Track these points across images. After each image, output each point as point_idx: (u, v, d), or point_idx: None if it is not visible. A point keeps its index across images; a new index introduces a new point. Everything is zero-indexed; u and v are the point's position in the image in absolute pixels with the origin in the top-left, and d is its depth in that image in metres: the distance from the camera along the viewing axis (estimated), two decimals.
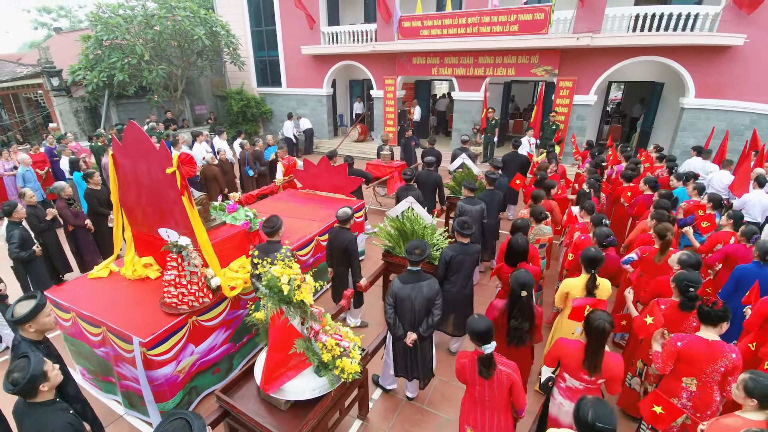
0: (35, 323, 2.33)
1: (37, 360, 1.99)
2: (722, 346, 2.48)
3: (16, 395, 1.95)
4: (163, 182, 3.37)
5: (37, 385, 1.95)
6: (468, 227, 3.67)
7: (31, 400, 1.98)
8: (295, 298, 2.56)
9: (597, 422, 1.77)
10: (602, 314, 2.36)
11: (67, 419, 2.02)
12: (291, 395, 2.70)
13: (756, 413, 1.90)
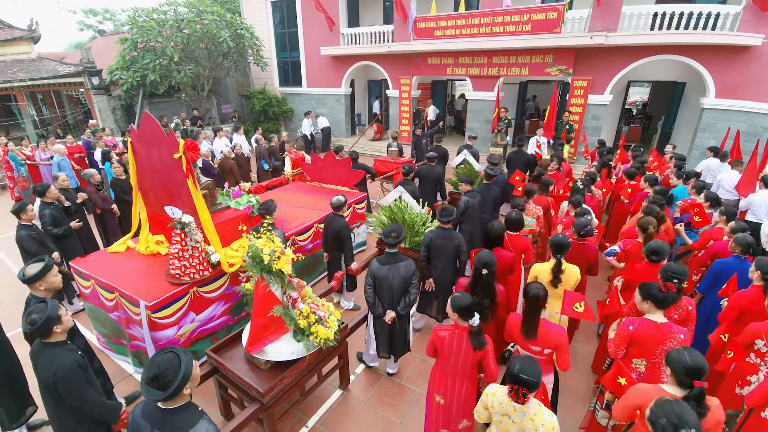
0: (44, 282, 2.73)
1: (53, 305, 2.37)
2: (671, 328, 2.59)
3: (33, 334, 2.33)
4: (171, 166, 3.78)
5: (52, 326, 2.33)
6: (447, 213, 3.88)
7: (46, 340, 2.36)
8: (275, 267, 2.87)
9: (521, 373, 1.97)
10: (538, 285, 2.55)
11: (76, 358, 2.40)
12: (271, 356, 3.01)
13: (673, 387, 2.03)
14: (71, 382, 2.26)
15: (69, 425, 2.47)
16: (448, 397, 2.66)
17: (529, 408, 2.06)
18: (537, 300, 2.61)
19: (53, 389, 2.28)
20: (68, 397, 2.29)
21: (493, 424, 2.24)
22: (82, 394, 2.32)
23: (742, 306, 3.05)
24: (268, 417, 2.89)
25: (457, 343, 2.50)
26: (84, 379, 2.34)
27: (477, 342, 2.41)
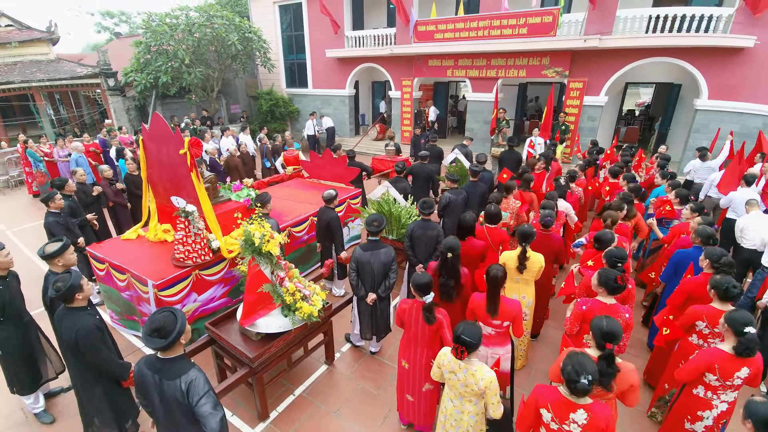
0: (62, 258, 3.14)
1: (77, 275, 2.78)
2: (618, 308, 2.90)
3: (58, 299, 2.74)
4: (177, 161, 4.20)
5: (75, 293, 2.72)
6: (428, 206, 4.24)
7: (69, 306, 2.77)
8: (264, 248, 3.26)
9: (462, 335, 2.32)
10: (498, 266, 2.89)
11: (95, 321, 2.80)
12: (261, 329, 3.39)
13: (594, 350, 2.35)
14: (90, 340, 2.67)
15: (88, 381, 2.88)
16: (412, 362, 3.01)
17: (472, 365, 2.41)
18: (496, 280, 2.94)
19: (75, 348, 2.69)
20: (87, 354, 2.70)
21: (446, 381, 2.59)
22: (99, 351, 2.72)
23: (689, 291, 3.33)
24: (257, 380, 3.27)
25: (416, 315, 2.86)
26: (101, 339, 2.75)
27: (427, 317, 2.77)
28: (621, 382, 2.30)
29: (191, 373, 2.11)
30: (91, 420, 3.02)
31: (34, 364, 3.45)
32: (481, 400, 2.51)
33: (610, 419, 2.03)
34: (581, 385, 1.93)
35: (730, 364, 2.44)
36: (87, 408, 2.98)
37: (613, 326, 2.25)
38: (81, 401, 3.00)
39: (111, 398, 2.93)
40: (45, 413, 3.55)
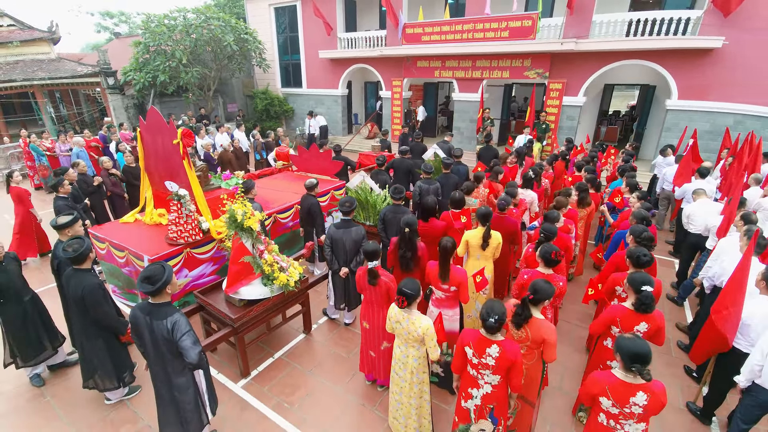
0: (71, 230, 3.60)
1: (88, 242, 3.23)
2: (554, 277, 3.36)
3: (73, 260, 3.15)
4: (171, 150, 4.65)
5: (87, 255, 3.18)
6: (398, 192, 4.71)
7: (77, 267, 3.21)
8: (246, 224, 3.72)
9: (403, 287, 2.78)
10: (448, 238, 3.36)
11: (98, 281, 3.25)
12: (243, 296, 3.85)
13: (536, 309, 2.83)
14: (94, 296, 3.12)
15: (91, 335, 3.33)
16: (371, 323, 3.48)
17: (412, 315, 2.87)
18: (446, 249, 3.40)
19: (81, 303, 3.14)
20: (92, 308, 3.14)
21: (395, 332, 3.04)
22: (102, 307, 3.17)
23: (616, 263, 3.81)
24: (239, 340, 3.73)
25: (366, 279, 3.34)
26: (103, 296, 3.20)
27: (370, 279, 3.26)
28: (535, 333, 2.75)
29: (176, 315, 2.57)
30: (92, 374, 3.46)
31: (36, 338, 3.78)
32: (422, 345, 2.96)
33: (518, 355, 2.50)
34: (489, 323, 2.40)
35: (631, 319, 2.91)
36: (89, 361, 3.42)
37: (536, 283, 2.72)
38: (84, 355, 3.44)
39: (111, 351, 3.39)
40: (36, 377, 3.89)
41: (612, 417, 2.32)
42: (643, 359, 2.15)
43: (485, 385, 2.62)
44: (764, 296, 2.95)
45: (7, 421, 3.49)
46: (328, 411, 3.56)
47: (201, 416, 2.88)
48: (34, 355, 3.82)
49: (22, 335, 3.72)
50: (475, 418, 2.74)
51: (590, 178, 5.64)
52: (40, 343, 3.83)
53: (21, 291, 3.70)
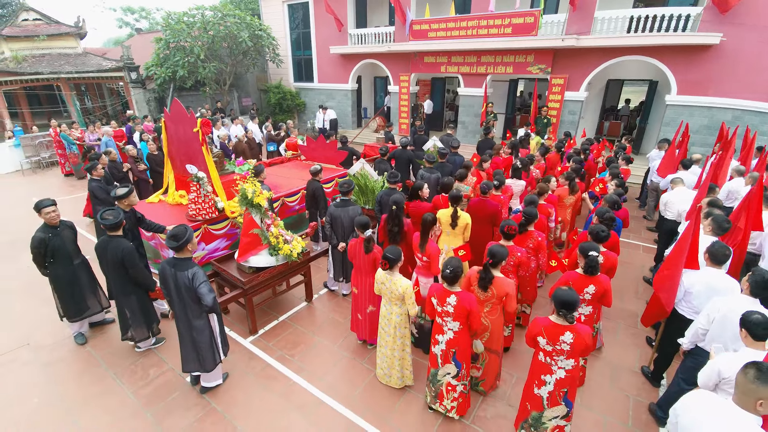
0: (127, 200, 4.25)
1: (121, 212, 3.84)
2: (512, 249, 3.82)
3: (111, 227, 3.75)
4: (191, 137, 5.25)
5: (120, 224, 3.78)
6: (393, 176, 5.21)
7: (112, 234, 3.82)
8: (255, 201, 4.28)
9: (387, 252, 3.29)
10: (430, 214, 3.85)
11: (132, 245, 3.85)
12: (252, 264, 4.43)
13: (496, 270, 3.30)
14: (132, 256, 3.71)
15: (127, 291, 3.89)
16: (360, 287, 4.01)
17: (394, 276, 3.38)
18: (426, 223, 3.90)
19: (120, 263, 3.71)
20: (130, 267, 3.73)
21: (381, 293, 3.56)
22: (138, 265, 3.77)
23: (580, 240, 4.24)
24: (248, 301, 4.32)
25: (359, 248, 3.87)
26: (138, 257, 3.80)
27: (366, 247, 3.77)
28: (499, 289, 3.23)
29: (195, 268, 3.15)
30: (128, 327, 4.07)
31: (81, 298, 4.34)
32: (403, 304, 3.47)
33: (473, 304, 2.99)
34: (444, 273, 2.91)
35: (581, 282, 3.37)
36: (125, 314, 4.02)
37: (495, 249, 3.21)
38: (120, 309, 4.04)
39: (142, 305, 4.00)
40: (80, 335, 4.47)
41: (547, 354, 2.79)
42: (569, 305, 2.62)
43: (448, 331, 3.12)
44: (709, 267, 3.34)
45: (53, 369, 4.12)
46: (322, 363, 4.12)
47: (214, 355, 3.46)
48: (78, 314, 4.37)
49: (68, 294, 4.28)
50: (441, 362, 3.25)
51: (575, 168, 6.03)
52: (85, 302, 4.37)
53: (72, 255, 4.24)
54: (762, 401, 1.66)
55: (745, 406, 1.71)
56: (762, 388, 1.65)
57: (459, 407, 3.34)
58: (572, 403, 2.88)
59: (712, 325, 2.79)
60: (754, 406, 1.68)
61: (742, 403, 1.71)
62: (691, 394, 1.94)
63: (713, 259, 3.17)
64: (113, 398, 3.68)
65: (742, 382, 1.71)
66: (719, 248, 3.15)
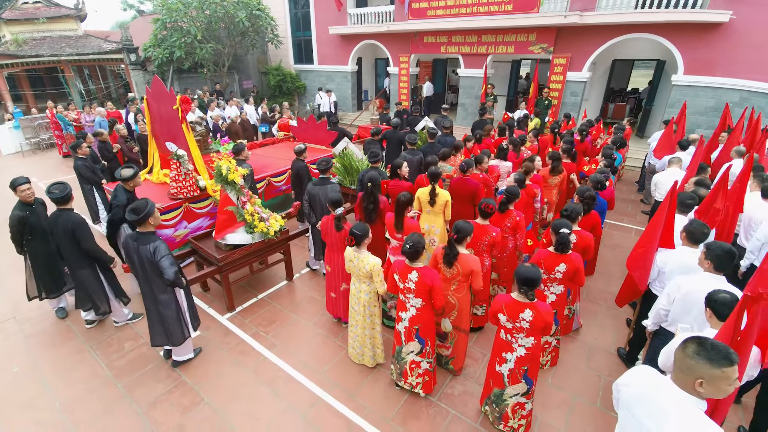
0: (133, 182, 4.25)
1: (69, 187, 3.80)
2: (487, 228, 3.73)
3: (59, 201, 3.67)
4: (172, 115, 5.20)
5: (69, 197, 3.72)
6: (373, 155, 5.12)
7: (62, 207, 3.67)
8: (229, 178, 4.24)
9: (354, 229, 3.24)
10: (405, 194, 3.77)
11: (82, 218, 3.79)
12: (229, 241, 4.41)
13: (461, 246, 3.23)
14: (81, 229, 3.69)
15: (81, 263, 3.89)
16: (333, 265, 3.97)
17: (361, 254, 3.33)
18: (399, 203, 3.83)
19: (71, 236, 3.69)
20: (81, 241, 3.71)
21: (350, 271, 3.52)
22: (89, 238, 3.74)
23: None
24: (224, 278, 4.32)
25: (330, 225, 3.81)
26: (89, 231, 3.78)
27: (336, 224, 3.71)
28: (464, 266, 3.16)
29: (157, 242, 3.14)
30: (87, 299, 4.07)
31: (58, 274, 4.35)
32: (372, 282, 3.43)
33: (435, 279, 2.93)
34: (404, 249, 2.85)
35: (552, 260, 3.29)
36: (83, 287, 4.02)
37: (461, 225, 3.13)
38: (76, 282, 4.05)
39: (97, 278, 4.01)
40: (61, 310, 4.54)
41: (508, 331, 2.74)
42: (530, 283, 2.55)
43: (411, 308, 3.08)
44: (684, 246, 3.22)
45: (34, 340, 4.21)
46: (295, 339, 4.13)
47: (183, 329, 3.49)
48: (57, 290, 4.42)
49: (47, 271, 4.30)
50: (405, 340, 3.22)
51: (566, 149, 5.85)
52: (62, 278, 4.41)
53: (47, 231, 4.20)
54: (701, 380, 1.54)
55: (684, 385, 1.59)
56: (701, 365, 1.53)
57: (425, 384, 3.32)
58: (533, 381, 2.83)
59: (674, 305, 2.70)
60: (693, 385, 1.57)
61: (680, 382, 1.61)
62: (634, 369, 1.87)
63: (690, 238, 3.05)
64: (87, 369, 3.75)
65: (680, 358, 1.61)
66: (697, 227, 3.03)
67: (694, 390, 1.57)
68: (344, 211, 3.87)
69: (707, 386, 1.54)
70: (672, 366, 2.34)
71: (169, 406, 3.35)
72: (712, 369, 1.52)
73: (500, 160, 5.95)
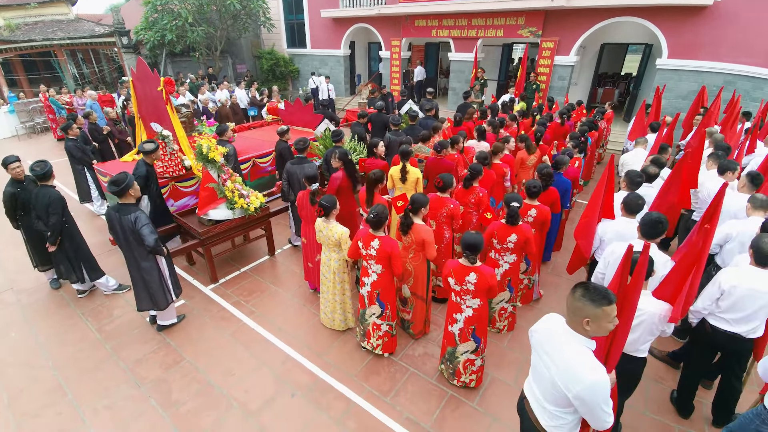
0: (155, 155, 4.61)
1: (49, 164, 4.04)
2: (445, 200, 3.96)
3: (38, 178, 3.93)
4: (157, 96, 5.39)
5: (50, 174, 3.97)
6: (337, 134, 5.44)
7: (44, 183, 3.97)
8: (210, 156, 4.47)
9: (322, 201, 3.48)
10: (376, 171, 4.00)
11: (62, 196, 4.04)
12: (211, 216, 4.67)
13: (417, 217, 3.47)
14: (56, 204, 3.94)
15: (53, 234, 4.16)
16: (308, 238, 4.24)
17: (330, 223, 3.58)
18: (371, 180, 4.06)
19: (45, 211, 3.95)
20: (52, 215, 3.95)
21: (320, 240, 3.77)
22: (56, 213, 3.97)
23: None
24: (206, 251, 4.60)
25: (305, 199, 4.06)
26: (62, 208, 4.02)
27: (311, 198, 3.96)
28: (417, 235, 3.42)
29: (138, 212, 3.40)
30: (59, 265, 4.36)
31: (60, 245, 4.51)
32: (340, 250, 3.69)
33: (395, 248, 3.19)
34: (368, 218, 3.11)
35: (504, 231, 3.54)
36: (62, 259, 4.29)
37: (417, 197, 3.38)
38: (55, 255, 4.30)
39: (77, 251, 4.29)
40: (54, 281, 4.82)
41: (457, 294, 3.02)
42: (473, 248, 2.80)
43: (372, 274, 3.36)
44: (623, 217, 3.46)
45: (30, 309, 4.50)
46: (273, 307, 4.43)
47: (165, 295, 3.77)
48: (49, 262, 4.65)
49: (40, 244, 4.49)
50: (368, 303, 3.50)
51: (537, 130, 6.05)
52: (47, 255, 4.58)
53: None
54: (588, 319, 1.77)
55: (575, 326, 1.82)
56: (588, 305, 1.76)
57: (384, 345, 3.62)
58: (480, 339, 3.12)
59: (608, 269, 2.96)
60: (582, 324, 1.79)
61: (572, 323, 1.84)
62: (545, 316, 2.13)
63: (627, 209, 3.30)
64: (79, 333, 4.05)
65: (570, 302, 1.84)
66: (633, 198, 3.27)
67: (582, 329, 1.82)
68: (319, 187, 4.11)
69: (592, 324, 1.79)
70: None
71: (153, 363, 3.66)
72: (595, 308, 1.76)
73: (477, 142, 6.16)
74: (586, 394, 1.72)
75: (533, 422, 2.05)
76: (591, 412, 1.77)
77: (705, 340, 2.86)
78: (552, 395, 1.90)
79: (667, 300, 2.46)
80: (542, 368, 1.97)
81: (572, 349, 1.82)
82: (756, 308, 2.60)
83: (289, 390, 3.39)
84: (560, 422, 1.94)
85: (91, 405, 3.26)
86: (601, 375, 1.72)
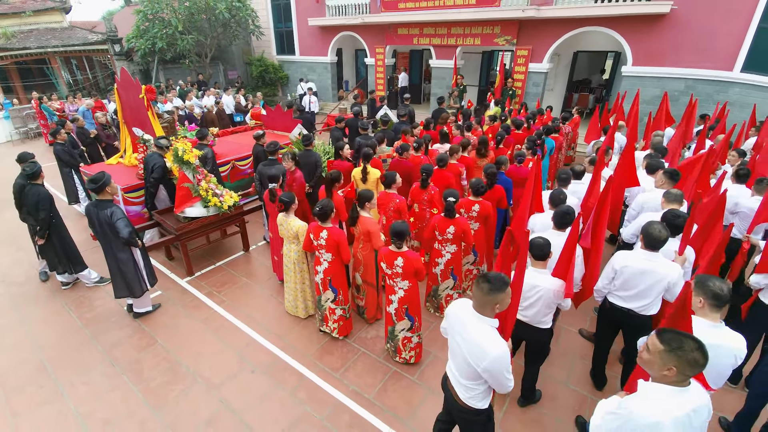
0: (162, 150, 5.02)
1: (38, 166, 4.44)
2: (392, 196, 4.38)
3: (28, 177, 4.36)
4: (139, 103, 5.80)
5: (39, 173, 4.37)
6: (306, 139, 5.82)
7: (34, 182, 4.43)
8: (185, 158, 4.87)
9: (281, 197, 3.88)
10: (334, 172, 4.41)
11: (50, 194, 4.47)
12: (187, 214, 5.05)
13: (364, 211, 3.88)
14: (45, 201, 4.32)
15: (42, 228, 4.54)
16: (273, 232, 4.63)
17: (289, 218, 3.98)
18: (328, 180, 4.47)
19: (35, 207, 4.32)
20: (42, 211, 4.32)
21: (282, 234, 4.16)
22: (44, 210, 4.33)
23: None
24: (182, 245, 4.98)
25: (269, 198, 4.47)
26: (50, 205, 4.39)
27: (271, 196, 4.35)
28: (363, 226, 3.82)
29: (113, 207, 3.78)
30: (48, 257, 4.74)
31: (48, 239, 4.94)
32: (299, 242, 4.08)
33: (342, 237, 3.59)
34: (314, 211, 3.51)
35: (443, 224, 3.94)
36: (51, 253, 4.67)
37: (360, 193, 3.78)
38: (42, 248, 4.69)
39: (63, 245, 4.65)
40: (43, 273, 5.18)
41: (390, 277, 3.41)
42: (399, 235, 3.21)
43: (324, 262, 3.75)
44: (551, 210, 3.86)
45: (18, 299, 4.86)
46: (243, 297, 4.81)
47: (141, 284, 4.15)
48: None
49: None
50: (322, 290, 3.89)
51: (499, 133, 6.50)
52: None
53: None
54: (498, 304, 2.06)
55: (483, 311, 2.09)
56: (497, 294, 2.02)
57: (340, 329, 4.01)
58: (414, 317, 3.51)
59: None
60: (493, 309, 2.08)
61: (481, 310, 2.10)
62: (454, 302, 2.44)
63: (552, 203, 3.72)
64: (61, 320, 4.42)
65: (478, 295, 2.08)
66: (556, 193, 3.70)
67: (491, 312, 2.09)
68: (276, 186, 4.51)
69: (501, 305, 2.08)
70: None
71: (128, 346, 4.03)
72: (501, 294, 2.04)
73: (441, 145, 6.59)
74: (492, 366, 2.02)
75: (453, 396, 2.35)
76: (497, 380, 2.08)
77: (607, 316, 3.27)
78: (465, 371, 2.19)
79: (561, 278, 2.86)
80: (456, 347, 2.24)
81: (478, 329, 2.09)
82: (645, 286, 3.00)
83: (250, 367, 3.77)
84: (473, 393, 2.24)
85: (70, 381, 3.63)
86: (503, 347, 2.03)
